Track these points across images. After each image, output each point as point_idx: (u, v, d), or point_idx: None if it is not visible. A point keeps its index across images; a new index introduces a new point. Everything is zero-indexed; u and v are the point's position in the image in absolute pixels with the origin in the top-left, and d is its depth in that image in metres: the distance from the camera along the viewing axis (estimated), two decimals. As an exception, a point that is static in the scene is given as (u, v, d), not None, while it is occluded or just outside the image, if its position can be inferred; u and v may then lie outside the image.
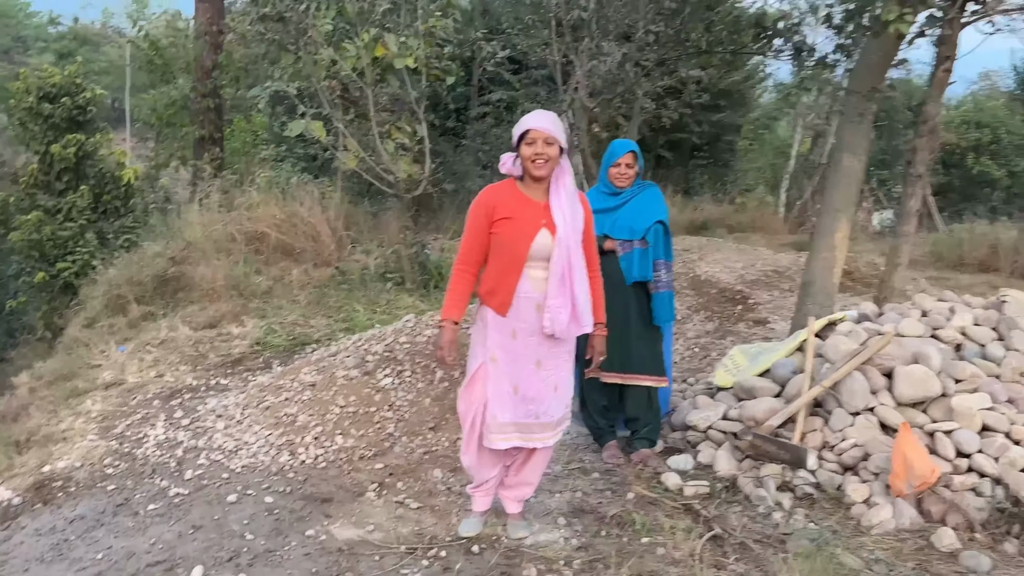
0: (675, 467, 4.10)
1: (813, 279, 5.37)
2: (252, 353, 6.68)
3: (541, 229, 3.16)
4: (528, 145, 3.13)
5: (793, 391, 4.22)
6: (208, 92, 13.12)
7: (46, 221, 9.85)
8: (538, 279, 3.17)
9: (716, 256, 8.10)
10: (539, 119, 3.16)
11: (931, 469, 3.46)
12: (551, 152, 3.13)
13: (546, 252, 3.15)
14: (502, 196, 3.23)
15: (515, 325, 3.20)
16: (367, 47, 8.03)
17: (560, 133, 3.17)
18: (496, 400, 3.22)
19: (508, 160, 3.27)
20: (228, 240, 9.25)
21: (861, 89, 4.87)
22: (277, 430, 4.73)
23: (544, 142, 3.11)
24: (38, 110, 9.72)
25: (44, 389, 6.56)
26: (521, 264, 3.17)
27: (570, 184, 3.25)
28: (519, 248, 3.16)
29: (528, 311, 3.19)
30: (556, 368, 3.28)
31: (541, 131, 3.11)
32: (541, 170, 3.14)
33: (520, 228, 3.17)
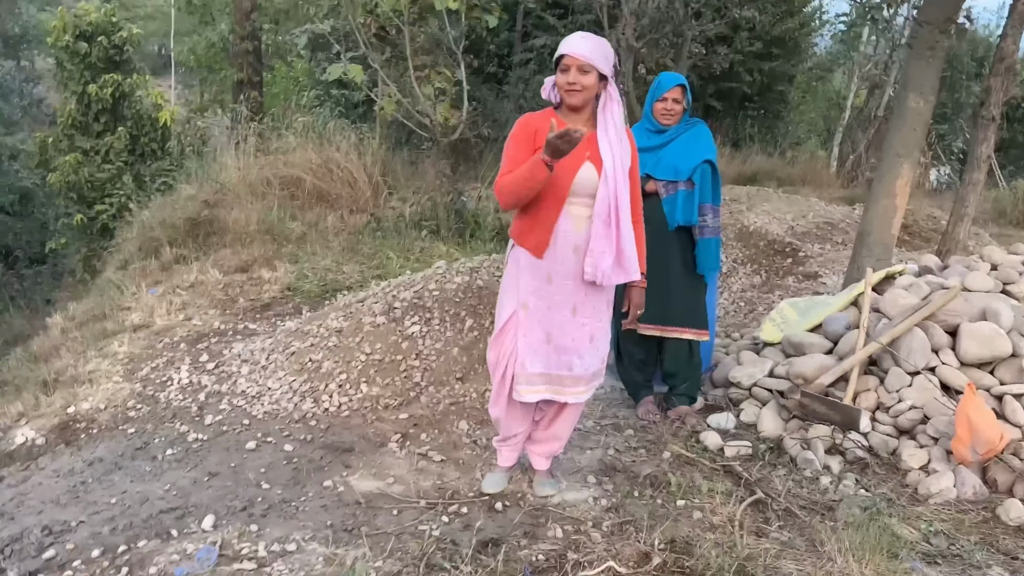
0: (715, 426, 3.85)
1: (870, 229, 5.01)
2: (282, 298, 6.54)
3: (584, 163, 2.89)
4: (563, 72, 2.86)
5: (846, 348, 3.93)
6: (247, 35, 12.93)
7: (84, 163, 9.79)
8: (580, 217, 2.91)
9: (765, 207, 7.71)
10: (576, 43, 2.86)
11: (999, 435, 3.17)
12: (586, 81, 2.83)
13: (589, 188, 2.89)
14: (544, 122, 2.90)
15: (551, 267, 2.94)
16: None
17: (601, 59, 2.85)
18: (527, 349, 2.99)
19: (548, 84, 3.00)
20: (263, 184, 9.10)
21: (934, 20, 4.45)
22: (301, 376, 4.58)
23: (578, 69, 2.82)
24: (75, 49, 9.59)
25: (76, 330, 6.48)
26: (562, 200, 2.89)
27: (618, 115, 2.96)
28: (560, 182, 2.87)
29: (566, 253, 2.92)
30: (594, 317, 3.03)
31: (576, 57, 2.81)
32: (574, 98, 2.86)
33: (561, 162, 2.83)
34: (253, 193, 8.89)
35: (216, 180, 8.71)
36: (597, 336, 3.06)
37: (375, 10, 7.84)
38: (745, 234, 7.14)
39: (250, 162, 9.39)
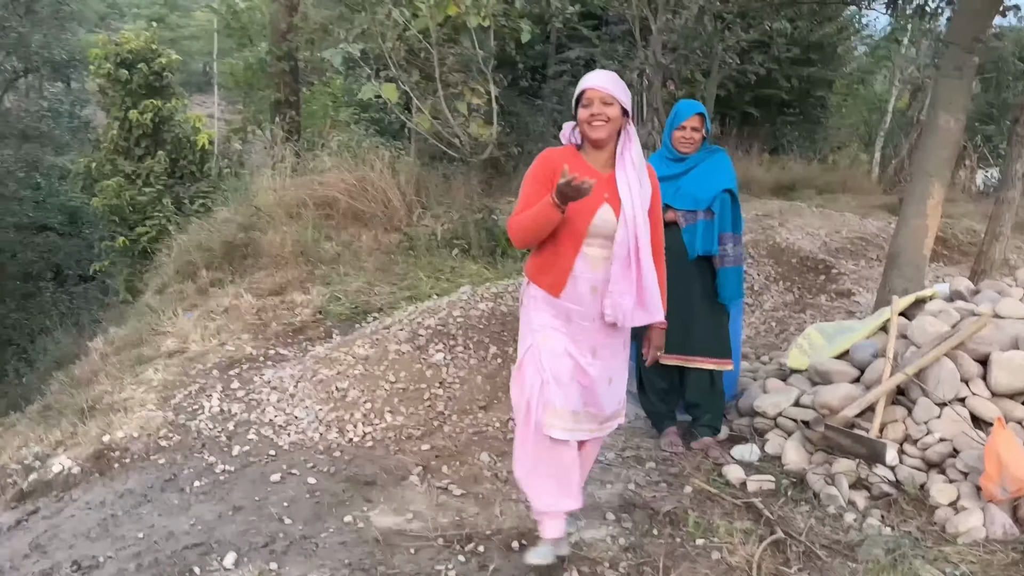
0: (739, 458, 3.81)
1: (901, 249, 4.92)
2: (314, 322, 6.61)
3: (602, 204, 2.85)
4: (584, 107, 2.83)
5: (873, 377, 3.85)
6: (283, 55, 13.10)
7: (126, 186, 10.03)
8: (596, 258, 2.87)
9: (798, 221, 7.61)
10: (596, 78, 2.87)
11: (1029, 472, 3.08)
12: (610, 112, 2.80)
13: (607, 230, 2.85)
14: (562, 159, 2.85)
15: (569, 307, 2.90)
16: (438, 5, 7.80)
17: (622, 93, 2.84)
18: (555, 386, 2.87)
19: (567, 129, 2.99)
20: (298, 205, 9.21)
21: (961, 40, 4.36)
22: (327, 405, 4.63)
23: (601, 102, 2.80)
24: (116, 76, 9.85)
25: (114, 355, 6.64)
26: (579, 242, 2.86)
27: (637, 154, 2.93)
28: (577, 224, 2.83)
29: (583, 293, 2.88)
30: (612, 357, 2.98)
31: (598, 90, 2.81)
32: (599, 131, 2.82)
33: (579, 203, 2.78)
34: (288, 214, 9.00)
35: (251, 203, 8.85)
36: (615, 378, 3.02)
37: (403, 34, 7.89)
38: (777, 251, 7.05)
39: (285, 183, 9.52)
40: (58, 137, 18.37)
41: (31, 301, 16.58)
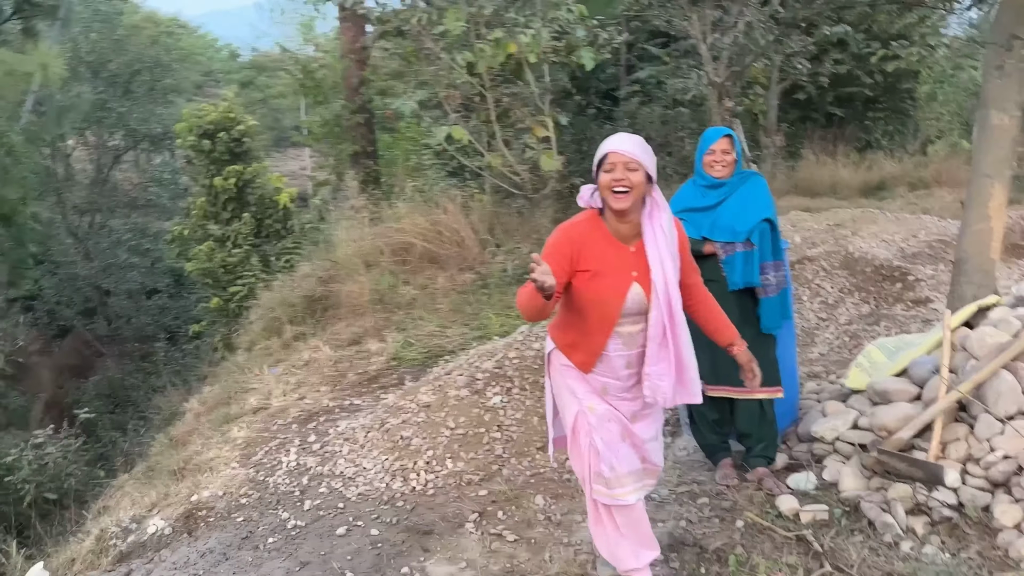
0: (795, 487, 3.72)
1: (967, 256, 4.72)
2: (387, 369, 6.81)
3: (632, 284, 2.73)
4: (607, 172, 2.66)
5: (932, 395, 3.71)
6: (357, 109, 13.62)
7: (216, 249, 10.58)
8: (631, 334, 2.78)
9: (872, 229, 7.35)
10: (619, 141, 2.71)
11: (1092, 491, 2.91)
12: (634, 179, 2.63)
13: (639, 307, 2.75)
14: (587, 238, 2.74)
15: (604, 381, 2.85)
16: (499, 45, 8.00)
17: (647, 157, 2.69)
18: (608, 452, 2.83)
19: (586, 192, 2.82)
20: (376, 253, 9.52)
21: (997, 38, 4.19)
22: (393, 455, 4.77)
23: (625, 167, 2.63)
24: (199, 147, 10.46)
25: (206, 415, 7.01)
26: (611, 325, 2.76)
27: (666, 222, 2.76)
28: (609, 309, 2.74)
29: (618, 368, 2.81)
30: (651, 415, 2.95)
31: (622, 154, 2.64)
32: (621, 201, 2.65)
33: (608, 286, 2.72)
34: (366, 263, 9.31)
35: (329, 257, 9.20)
36: (659, 433, 3.03)
37: (456, 81, 8.12)
38: (850, 261, 6.84)
39: (363, 233, 9.86)
40: (163, 204, 19.54)
41: (148, 361, 17.62)
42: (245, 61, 37.73)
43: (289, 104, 30.35)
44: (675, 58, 15.03)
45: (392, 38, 8.65)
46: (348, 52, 13.63)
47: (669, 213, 2.79)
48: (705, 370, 3.90)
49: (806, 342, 6.16)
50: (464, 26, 7.98)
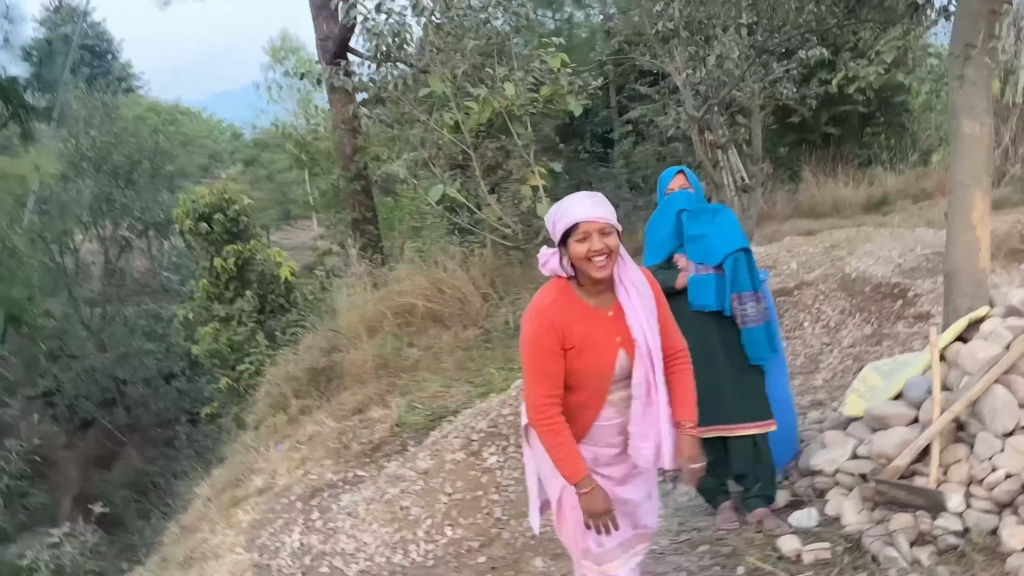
0: (797, 524, 3.60)
1: (957, 268, 4.60)
2: (391, 436, 6.71)
3: (618, 351, 2.58)
4: (580, 242, 2.45)
5: (928, 416, 3.59)
6: (353, 177, 13.75)
7: (222, 330, 10.61)
8: (620, 401, 2.64)
9: (867, 248, 7.24)
10: (588, 208, 2.47)
11: (1096, 506, 2.78)
12: (611, 243, 2.46)
13: (625, 372, 2.61)
14: (566, 316, 2.53)
15: (595, 451, 2.68)
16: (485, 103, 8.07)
17: (614, 215, 2.51)
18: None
19: (551, 261, 2.59)
20: (379, 318, 9.51)
21: (955, 48, 4.15)
22: (393, 526, 4.68)
23: (600, 233, 2.44)
24: (197, 230, 10.56)
25: (215, 498, 6.95)
26: (603, 397, 2.61)
27: (636, 276, 2.62)
28: (600, 381, 2.59)
29: (611, 436, 2.67)
30: (644, 480, 2.80)
31: (595, 221, 2.44)
32: (605, 270, 2.47)
33: (596, 360, 2.56)
34: (370, 329, 9.29)
35: (331, 327, 9.19)
36: (653, 492, 2.87)
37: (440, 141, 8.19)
38: (848, 282, 6.74)
39: (365, 299, 9.86)
40: (174, 288, 19.73)
41: (170, 447, 17.62)
42: (248, 140, 38.46)
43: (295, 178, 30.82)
44: (663, 95, 15.14)
45: (373, 105, 8.75)
46: (339, 123, 13.81)
47: (638, 269, 2.67)
48: (696, 412, 3.82)
49: (809, 369, 6.04)
50: (449, 88, 8.06)
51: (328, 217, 16.31)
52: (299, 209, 21.87)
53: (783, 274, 7.22)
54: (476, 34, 8.33)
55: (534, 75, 8.02)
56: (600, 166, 17.52)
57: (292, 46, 37.88)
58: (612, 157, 17.54)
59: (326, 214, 16.30)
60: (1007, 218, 8.00)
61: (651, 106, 15.79)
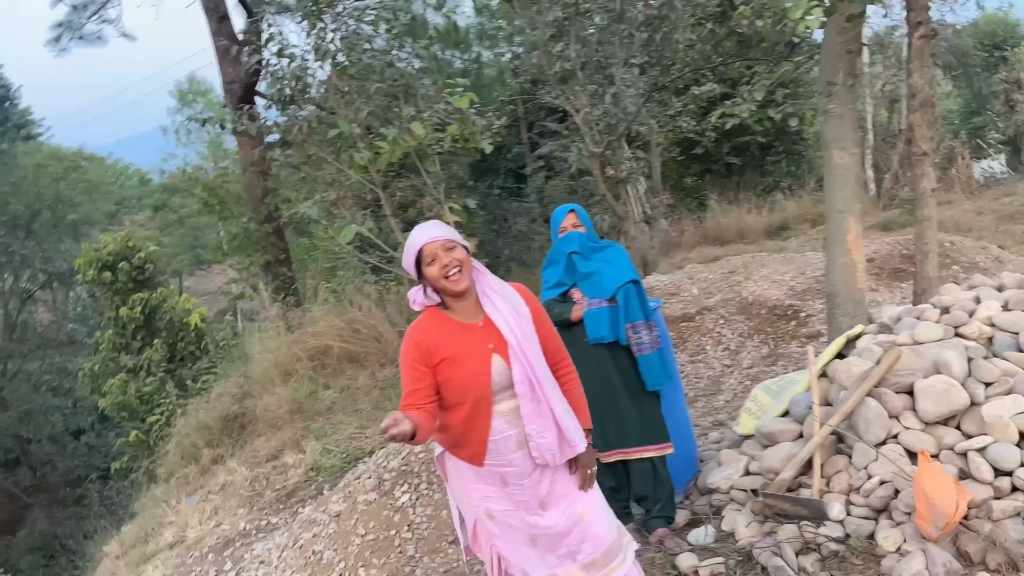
0: (695, 542, 3.74)
1: (837, 290, 4.91)
2: (306, 481, 6.68)
3: (492, 356, 2.63)
4: (430, 265, 2.58)
5: (811, 431, 3.80)
6: (264, 219, 13.62)
7: (130, 381, 10.34)
8: (511, 411, 2.64)
9: (763, 272, 7.59)
10: (425, 232, 2.63)
11: (954, 504, 3.00)
12: (459, 255, 2.59)
13: (506, 378, 2.64)
14: (433, 332, 2.63)
15: (500, 471, 2.66)
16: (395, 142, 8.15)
17: (453, 233, 2.66)
18: (518, 557, 2.71)
19: (417, 295, 2.71)
20: (293, 362, 9.42)
21: (820, 86, 4.47)
22: (306, 572, 4.66)
23: (444, 250, 2.58)
24: (100, 279, 10.31)
25: (123, 556, 6.75)
26: (488, 406, 2.62)
27: (494, 280, 2.73)
28: (479, 389, 2.61)
29: (510, 451, 2.65)
30: (568, 495, 2.73)
31: (434, 241, 2.58)
32: (461, 282, 2.58)
33: (470, 368, 2.60)
34: (285, 373, 9.19)
35: (243, 373, 9.06)
36: (588, 510, 2.75)
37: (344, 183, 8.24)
38: (745, 305, 7.04)
39: (279, 342, 9.75)
40: (81, 340, 19.06)
41: (81, 505, 16.89)
42: (156, 185, 37.61)
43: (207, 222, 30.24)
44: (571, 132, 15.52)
45: (282, 148, 8.75)
46: (248, 166, 13.69)
47: (505, 283, 2.77)
48: (597, 438, 3.95)
49: (712, 390, 6.27)
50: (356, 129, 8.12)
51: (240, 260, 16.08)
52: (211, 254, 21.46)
53: (685, 300, 7.49)
54: (381, 76, 8.45)
55: (439, 116, 8.15)
56: (514, 201, 17.79)
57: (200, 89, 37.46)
58: (525, 192, 17.84)
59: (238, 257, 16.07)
60: (893, 239, 8.48)
61: (560, 142, 16.18)
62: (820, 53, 5.36)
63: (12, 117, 37.40)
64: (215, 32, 12.89)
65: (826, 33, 4.74)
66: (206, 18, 12.97)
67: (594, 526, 2.73)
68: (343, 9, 8.36)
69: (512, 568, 2.73)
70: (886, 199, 17.64)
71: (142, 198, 38.78)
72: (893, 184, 17.97)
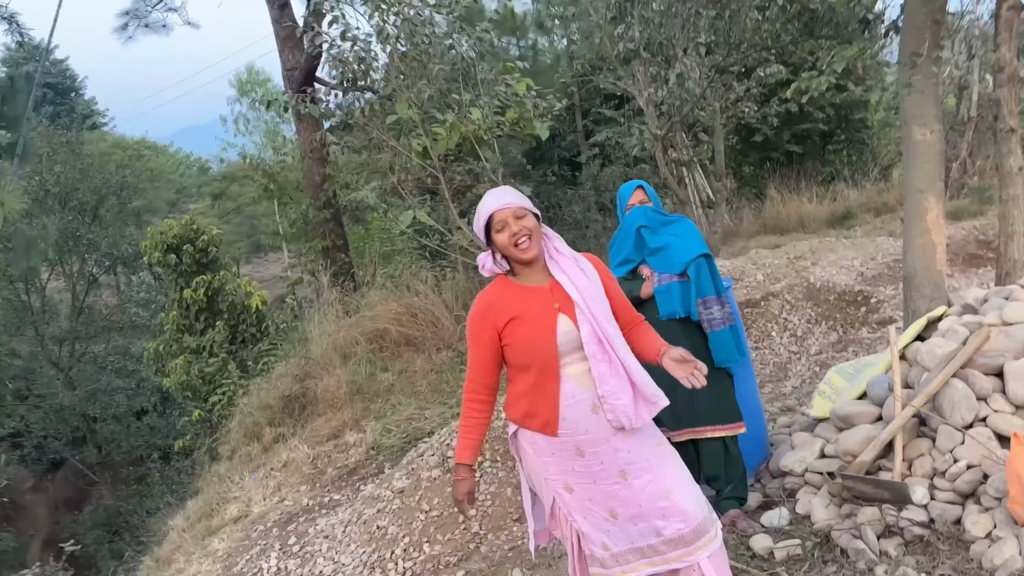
0: (769, 524, 3.66)
1: (914, 271, 4.74)
2: (367, 460, 6.72)
3: (558, 316, 2.59)
4: (500, 232, 2.59)
5: (891, 413, 3.68)
6: (323, 205, 13.77)
7: (193, 361, 10.52)
8: (582, 374, 2.57)
9: (831, 257, 7.40)
10: (496, 198, 2.62)
11: (1051, 489, 2.87)
12: (528, 224, 2.58)
13: (574, 340, 2.58)
14: (500, 297, 2.64)
15: (575, 440, 2.59)
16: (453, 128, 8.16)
17: (524, 200, 2.65)
18: (597, 531, 2.64)
19: (486, 260, 2.71)
20: (352, 344, 9.50)
21: (903, 58, 4.31)
22: (371, 546, 4.67)
23: (514, 217, 2.57)
24: (165, 261, 10.50)
25: (188, 530, 6.87)
26: (556, 368, 2.57)
27: (563, 245, 2.70)
28: (545, 350, 2.57)
29: (584, 417, 2.58)
30: (652, 468, 2.62)
31: (505, 208, 2.58)
32: (530, 250, 2.58)
33: (535, 324, 2.58)
34: (343, 355, 9.29)
35: (304, 354, 9.17)
36: (671, 485, 2.62)
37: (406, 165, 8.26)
38: (813, 291, 6.87)
39: (338, 325, 9.85)
40: (143, 323, 19.51)
41: (143, 484, 17.32)
42: (216, 174, 38.35)
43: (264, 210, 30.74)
44: (628, 118, 15.38)
45: (341, 133, 8.82)
46: (307, 151, 13.84)
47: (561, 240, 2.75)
48: (668, 416, 3.88)
49: (779, 376, 6.14)
50: (416, 114, 8.13)
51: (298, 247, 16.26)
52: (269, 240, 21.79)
53: (749, 286, 7.35)
54: (441, 60, 8.44)
55: (499, 99, 8.12)
56: (568, 189, 17.72)
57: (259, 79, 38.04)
58: (580, 180, 17.76)
59: (296, 244, 16.27)
60: (965, 226, 8.22)
61: (617, 129, 16.05)
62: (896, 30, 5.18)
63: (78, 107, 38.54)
64: (276, 19, 13.01)
65: (908, 4, 4.58)
66: (267, 5, 13.10)
67: (681, 502, 2.61)
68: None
69: (592, 545, 2.66)
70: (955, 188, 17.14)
71: (201, 186, 39.59)
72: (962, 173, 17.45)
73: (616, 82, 9.55)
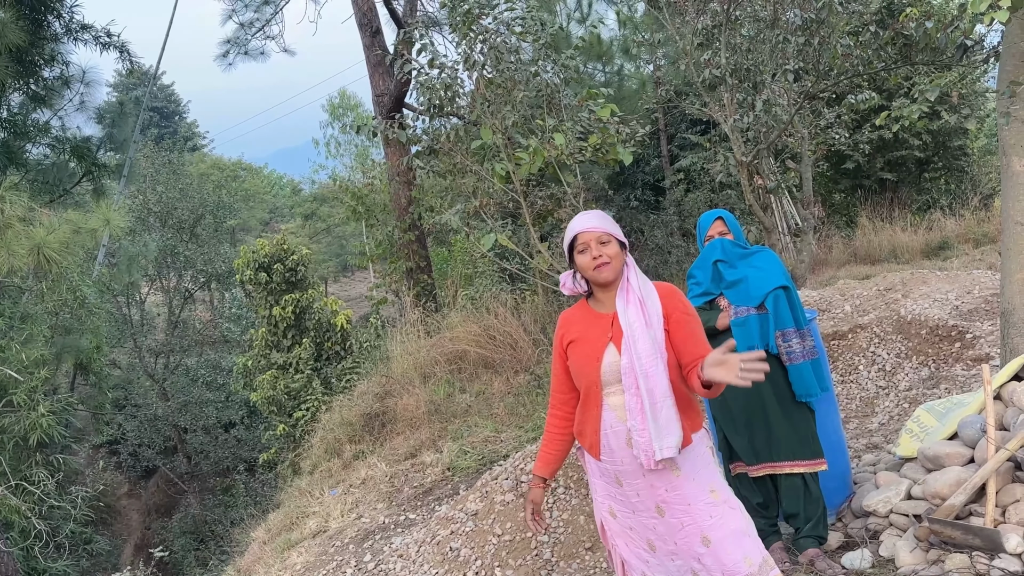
0: (850, 566, 3.53)
1: (1012, 307, 4.53)
2: (443, 480, 6.78)
3: (608, 345, 2.64)
4: (581, 253, 2.67)
5: (984, 455, 3.52)
6: (408, 227, 14.06)
7: (279, 377, 10.84)
8: (620, 405, 2.62)
9: (923, 290, 7.12)
10: (584, 220, 2.70)
11: None
12: (610, 251, 2.63)
13: (619, 371, 2.62)
14: (574, 318, 2.77)
15: (615, 469, 2.66)
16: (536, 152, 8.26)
17: (613, 227, 2.70)
18: (636, 562, 2.72)
19: (567, 279, 2.79)
20: (431, 364, 9.65)
21: (1001, 86, 4.15)
22: (443, 567, 4.70)
23: (598, 242, 2.63)
24: (256, 280, 10.87)
25: (270, 542, 7.05)
26: (598, 393, 2.65)
27: (636, 281, 2.69)
28: (589, 375, 2.65)
29: (621, 448, 2.62)
30: (692, 513, 2.58)
31: (591, 231, 2.64)
32: (607, 273, 2.63)
33: (587, 349, 2.67)
34: (422, 375, 9.43)
35: (385, 373, 9.34)
36: (715, 535, 2.57)
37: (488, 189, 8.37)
38: (903, 325, 6.62)
39: (419, 345, 10.02)
40: (234, 339, 20.22)
41: (228, 494, 17.87)
42: (307, 195, 39.57)
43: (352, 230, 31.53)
44: (714, 143, 15.20)
45: (427, 157, 9.01)
46: (395, 175, 14.18)
47: (640, 273, 2.74)
48: (745, 450, 3.82)
49: (865, 412, 5.94)
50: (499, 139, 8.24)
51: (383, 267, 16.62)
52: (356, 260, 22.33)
53: (836, 317, 7.14)
54: (526, 86, 8.54)
55: (582, 124, 8.16)
56: (651, 214, 17.60)
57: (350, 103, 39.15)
58: (663, 205, 17.61)
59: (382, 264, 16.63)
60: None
61: (702, 154, 15.88)
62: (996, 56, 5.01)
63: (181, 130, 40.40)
64: (368, 46, 13.41)
65: (1008, 30, 4.42)
66: (359, 33, 13.52)
67: (722, 554, 2.56)
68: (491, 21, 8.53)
69: (633, 573, 2.74)
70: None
71: (293, 207, 40.86)
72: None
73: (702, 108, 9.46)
